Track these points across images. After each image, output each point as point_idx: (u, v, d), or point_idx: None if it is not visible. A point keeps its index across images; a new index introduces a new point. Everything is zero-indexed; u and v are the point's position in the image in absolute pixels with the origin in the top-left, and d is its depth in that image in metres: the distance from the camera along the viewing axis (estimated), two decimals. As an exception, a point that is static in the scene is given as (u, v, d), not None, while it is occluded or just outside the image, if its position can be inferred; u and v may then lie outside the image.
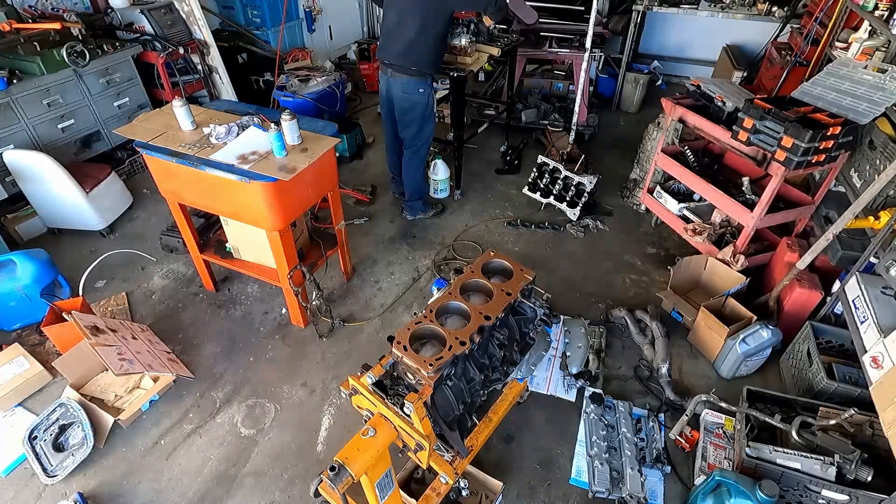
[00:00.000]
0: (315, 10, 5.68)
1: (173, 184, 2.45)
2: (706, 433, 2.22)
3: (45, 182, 3.14)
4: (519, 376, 2.01)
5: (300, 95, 4.28)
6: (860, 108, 2.42)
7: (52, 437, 2.19)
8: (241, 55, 4.72)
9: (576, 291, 3.07)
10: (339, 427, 2.33)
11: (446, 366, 1.50)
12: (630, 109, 5.28)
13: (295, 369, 2.59)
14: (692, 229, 3.08)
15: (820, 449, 1.91)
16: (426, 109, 3.09)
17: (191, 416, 2.38)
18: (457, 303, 1.70)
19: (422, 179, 3.46)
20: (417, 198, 3.51)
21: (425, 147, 3.28)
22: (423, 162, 3.37)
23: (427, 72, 2.93)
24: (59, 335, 2.45)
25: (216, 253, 2.82)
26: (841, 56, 3.18)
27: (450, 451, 1.75)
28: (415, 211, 3.57)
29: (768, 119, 2.46)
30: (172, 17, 4.04)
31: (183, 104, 2.35)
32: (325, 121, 2.60)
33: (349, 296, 3.04)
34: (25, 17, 3.40)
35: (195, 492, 2.09)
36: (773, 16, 4.52)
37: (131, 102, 3.89)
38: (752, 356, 2.43)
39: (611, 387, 2.51)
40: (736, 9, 4.60)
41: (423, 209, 3.59)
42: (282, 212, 2.28)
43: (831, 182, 2.75)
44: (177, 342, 2.72)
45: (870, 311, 2.10)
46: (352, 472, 1.34)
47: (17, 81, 3.18)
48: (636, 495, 1.99)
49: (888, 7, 3.01)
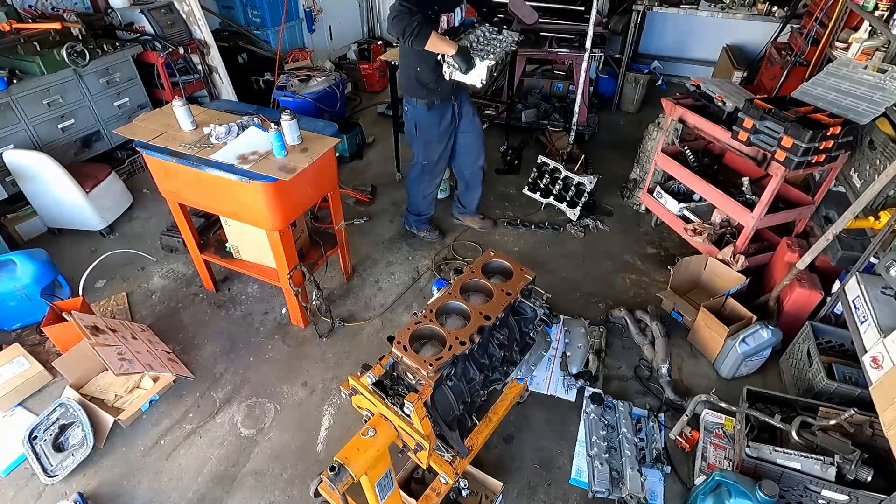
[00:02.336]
0: (315, 10, 5.69)
1: (173, 184, 2.45)
2: (706, 433, 2.22)
3: (45, 182, 3.14)
4: (519, 376, 2.01)
5: (300, 95, 4.28)
6: (860, 108, 2.42)
7: (52, 437, 2.19)
8: (241, 55, 4.72)
9: (576, 291, 3.07)
10: (339, 427, 2.33)
11: (446, 366, 1.50)
12: (630, 109, 5.28)
13: (295, 369, 2.59)
14: (692, 229, 3.08)
15: (820, 449, 1.91)
16: (412, 129, 2.99)
17: (191, 416, 2.37)
18: (457, 303, 1.70)
19: (419, 198, 3.32)
20: (415, 214, 3.42)
21: (421, 167, 3.15)
22: (420, 181, 3.22)
23: (408, 95, 2.87)
24: (59, 335, 2.45)
25: (216, 253, 2.82)
26: (841, 56, 3.18)
27: (450, 451, 1.75)
28: (409, 223, 3.50)
29: (768, 119, 2.46)
30: (172, 17, 4.04)
31: (183, 104, 2.35)
32: (325, 121, 2.60)
33: (349, 296, 3.04)
34: (25, 17, 3.40)
35: (195, 492, 2.09)
36: (773, 16, 4.52)
37: (131, 102, 3.90)
38: (752, 356, 2.43)
39: (611, 387, 2.51)
40: (736, 9, 4.59)
41: (417, 226, 3.47)
42: (282, 212, 2.28)
43: (831, 182, 2.75)
44: (177, 342, 2.72)
45: (870, 311, 2.10)
46: (352, 472, 1.34)
47: (17, 81, 3.18)
48: (636, 495, 1.99)
49: (888, 7, 3.01)
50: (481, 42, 2.69)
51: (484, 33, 2.76)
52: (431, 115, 2.88)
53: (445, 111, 2.91)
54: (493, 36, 2.78)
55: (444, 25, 2.61)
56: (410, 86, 2.81)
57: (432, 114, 2.88)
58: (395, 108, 3.75)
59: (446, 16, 2.60)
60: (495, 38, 2.76)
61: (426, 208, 3.39)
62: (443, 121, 2.93)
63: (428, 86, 2.74)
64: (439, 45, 2.41)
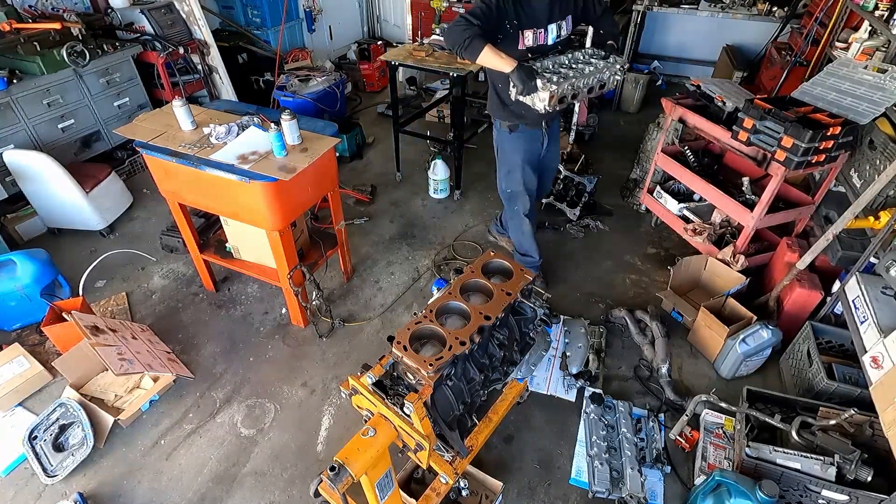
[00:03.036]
0: (315, 10, 5.69)
1: (173, 184, 2.45)
2: (706, 433, 2.22)
3: (45, 182, 3.14)
4: (519, 376, 2.01)
5: (300, 95, 4.28)
6: (860, 108, 2.42)
7: (52, 437, 2.19)
8: (241, 55, 4.72)
9: (576, 291, 3.07)
10: (339, 427, 2.32)
11: (446, 366, 1.50)
12: (630, 109, 5.28)
13: (295, 369, 2.59)
14: (692, 229, 3.08)
15: (820, 449, 1.91)
16: (497, 153, 2.76)
17: (191, 416, 2.37)
18: (457, 303, 1.70)
19: (517, 233, 2.93)
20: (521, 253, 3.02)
21: (506, 196, 2.83)
22: (508, 212, 2.89)
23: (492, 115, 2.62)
24: (59, 335, 2.45)
25: (216, 253, 2.82)
26: (841, 56, 3.18)
27: (450, 451, 1.74)
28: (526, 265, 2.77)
29: (768, 119, 2.46)
30: (172, 16, 4.04)
31: (183, 104, 2.35)
32: (325, 121, 2.60)
33: (349, 296, 3.04)
34: (25, 17, 3.41)
35: (195, 492, 2.09)
36: (773, 16, 4.52)
37: (131, 102, 3.90)
38: (752, 356, 2.43)
39: (611, 387, 2.51)
40: (736, 9, 4.59)
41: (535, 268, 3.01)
42: (282, 212, 2.28)
43: (831, 182, 2.75)
44: (177, 342, 2.72)
45: (870, 311, 2.10)
46: (352, 472, 1.34)
47: (17, 81, 3.18)
48: (636, 495, 1.99)
49: (888, 7, 3.01)
50: (566, 66, 2.28)
51: (582, 57, 2.37)
52: (514, 141, 2.61)
53: (532, 138, 2.61)
54: (591, 60, 2.34)
55: (529, 42, 2.29)
56: (493, 105, 2.57)
57: (515, 139, 2.60)
58: (395, 108, 3.75)
59: (533, 31, 2.28)
60: (592, 63, 2.32)
61: (529, 247, 2.95)
62: (527, 148, 2.63)
63: (510, 107, 2.44)
64: (493, 61, 2.12)
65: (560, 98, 2.14)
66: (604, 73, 2.29)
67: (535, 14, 2.27)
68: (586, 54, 2.38)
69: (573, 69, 2.25)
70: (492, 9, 2.16)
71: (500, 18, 2.19)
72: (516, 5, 2.22)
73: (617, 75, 2.34)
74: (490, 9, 2.16)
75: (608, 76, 2.32)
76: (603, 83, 2.32)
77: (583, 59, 2.36)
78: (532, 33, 2.28)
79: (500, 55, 2.10)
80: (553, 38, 2.36)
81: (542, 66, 2.22)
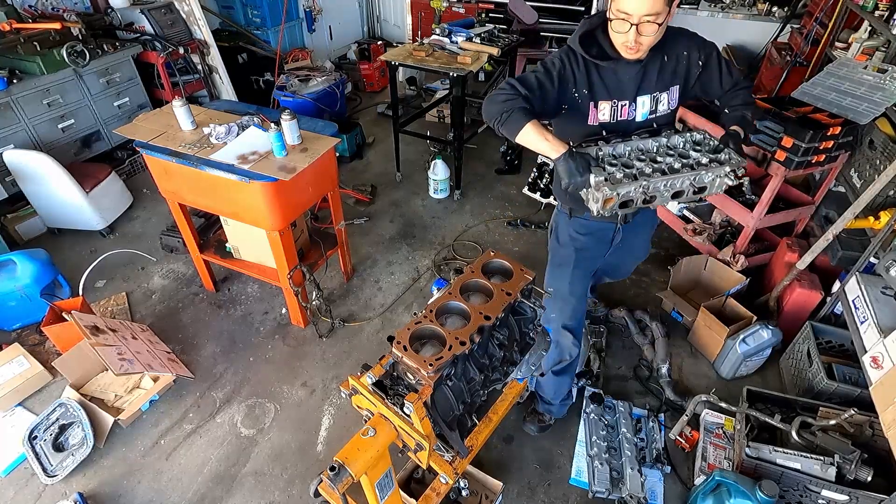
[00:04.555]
0: (315, 10, 5.69)
1: (173, 184, 2.45)
2: (706, 433, 2.22)
3: (45, 182, 3.14)
4: (519, 376, 2.01)
5: (300, 95, 4.28)
6: (860, 108, 2.42)
7: (52, 437, 2.19)
8: (241, 55, 4.72)
9: (576, 291, 3.06)
10: (339, 427, 2.32)
11: (446, 366, 1.50)
12: (630, 109, 5.27)
13: (295, 369, 2.59)
14: (692, 229, 3.08)
15: (820, 449, 1.91)
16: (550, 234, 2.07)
17: (191, 416, 2.37)
18: (457, 303, 1.70)
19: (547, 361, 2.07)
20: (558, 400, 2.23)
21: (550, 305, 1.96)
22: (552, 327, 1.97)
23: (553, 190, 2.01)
24: (59, 335, 2.45)
25: (216, 253, 2.82)
26: (841, 56, 3.18)
27: (450, 451, 1.74)
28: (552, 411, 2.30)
29: (768, 119, 2.45)
30: (172, 16, 4.04)
31: (183, 104, 2.35)
32: (325, 121, 2.60)
33: (349, 296, 3.04)
34: (25, 17, 3.40)
35: (195, 492, 2.09)
36: (773, 16, 4.53)
37: (131, 102, 3.89)
38: (752, 356, 2.43)
39: (611, 387, 2.51)
40: (736, 9, 4.60)
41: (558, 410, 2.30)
42: (282, 212, 2.28)
43: (831, 182, 2.75)
44: (177, 342, 2.72)
45: (870, 311, 2.10)
46: (352, 472, 1.34)
47: (17, 81, 3.18)
48: (636, 495, 1.99)
49: (888, 7, 3.01)
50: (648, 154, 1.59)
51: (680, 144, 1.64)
52: (572, 230, 1.94)
53: (598, 236, 1.94)
54: (691, 153, 1.60)
55: (605, 117, 1.66)
56: (556, 180, 1.85)
57: (574, 228, 1.93)
58: (395, 108, 3.75)
59: (611, 103, 1.65)
60: (690, 157, 1.59)
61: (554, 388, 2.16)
62: (588, 246, 1.94)
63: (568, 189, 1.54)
64: (535, 143, 1.51)
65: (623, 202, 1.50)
66: (704, 175, 1.54)
67: (620, 84, 1.64)
68: (690, 141, 1.66)
69: (657, 162, 1.56)
70: (552, 76, 1.58)
71: (562, 88, 1.61)
72: (590, 72, 1.62)
73: (727, 179, 1.54)
74: (550, 76, 1.58)
75: (711, 178, 1.55)
76: (701, 187, 1.56)
77: (680, 147, 1.65)
78: (610, 106, 1.66)
79: (545, 136, 1.49)
80: (644, 115, 1.70)
81: (611, 152, 1.57)
